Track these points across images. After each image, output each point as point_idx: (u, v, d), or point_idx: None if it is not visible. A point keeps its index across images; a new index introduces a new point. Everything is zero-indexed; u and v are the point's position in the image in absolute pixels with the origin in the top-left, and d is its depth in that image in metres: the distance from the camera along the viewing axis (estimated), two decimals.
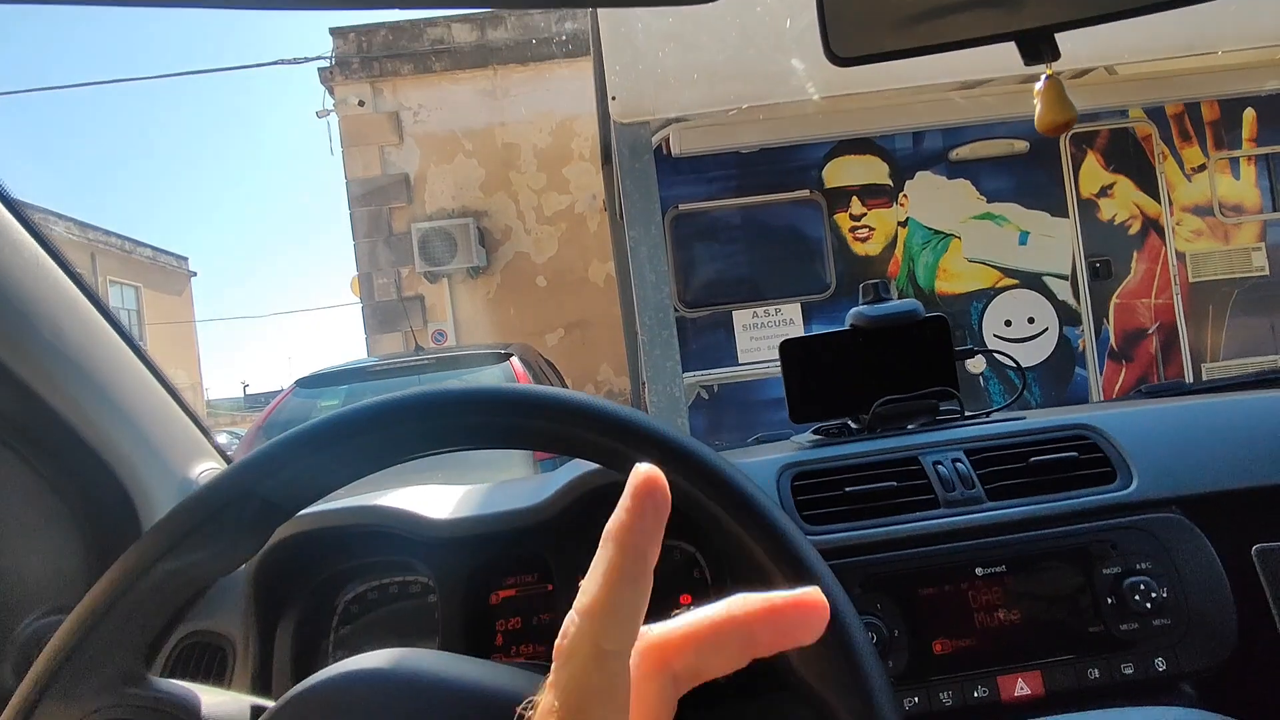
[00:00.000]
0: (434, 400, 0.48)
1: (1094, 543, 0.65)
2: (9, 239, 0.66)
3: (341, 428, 0.47)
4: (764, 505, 0.45)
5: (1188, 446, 0.73)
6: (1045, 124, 0.53)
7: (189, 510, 0.45)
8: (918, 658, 0.63)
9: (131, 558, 0.44)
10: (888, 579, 0.65)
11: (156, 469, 0.80)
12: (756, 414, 3.86)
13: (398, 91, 7.75)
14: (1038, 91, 0.53)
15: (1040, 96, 0.53)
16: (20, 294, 0.67)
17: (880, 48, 0.50)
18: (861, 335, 0.85)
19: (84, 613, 0.42)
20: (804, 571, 0.43)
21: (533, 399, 0.47)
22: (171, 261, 16.44)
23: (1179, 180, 4.14)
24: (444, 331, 7.60)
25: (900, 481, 0.70)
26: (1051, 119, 0.53)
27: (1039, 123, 0.54)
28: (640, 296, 3.42)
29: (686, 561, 0.74)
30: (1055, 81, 0.51)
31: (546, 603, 0.74)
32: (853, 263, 4.04)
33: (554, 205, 7.74)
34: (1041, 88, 0.52)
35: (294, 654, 0.71)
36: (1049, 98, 0.52)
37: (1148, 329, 4.10)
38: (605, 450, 0.47)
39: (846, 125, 3.95)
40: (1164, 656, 0.62)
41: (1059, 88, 0.51)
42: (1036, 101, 0.53)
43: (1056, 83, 0.51)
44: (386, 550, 0.74)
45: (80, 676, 0.42)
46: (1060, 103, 0.52)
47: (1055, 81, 0.51)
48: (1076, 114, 0.52)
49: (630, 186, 3.44)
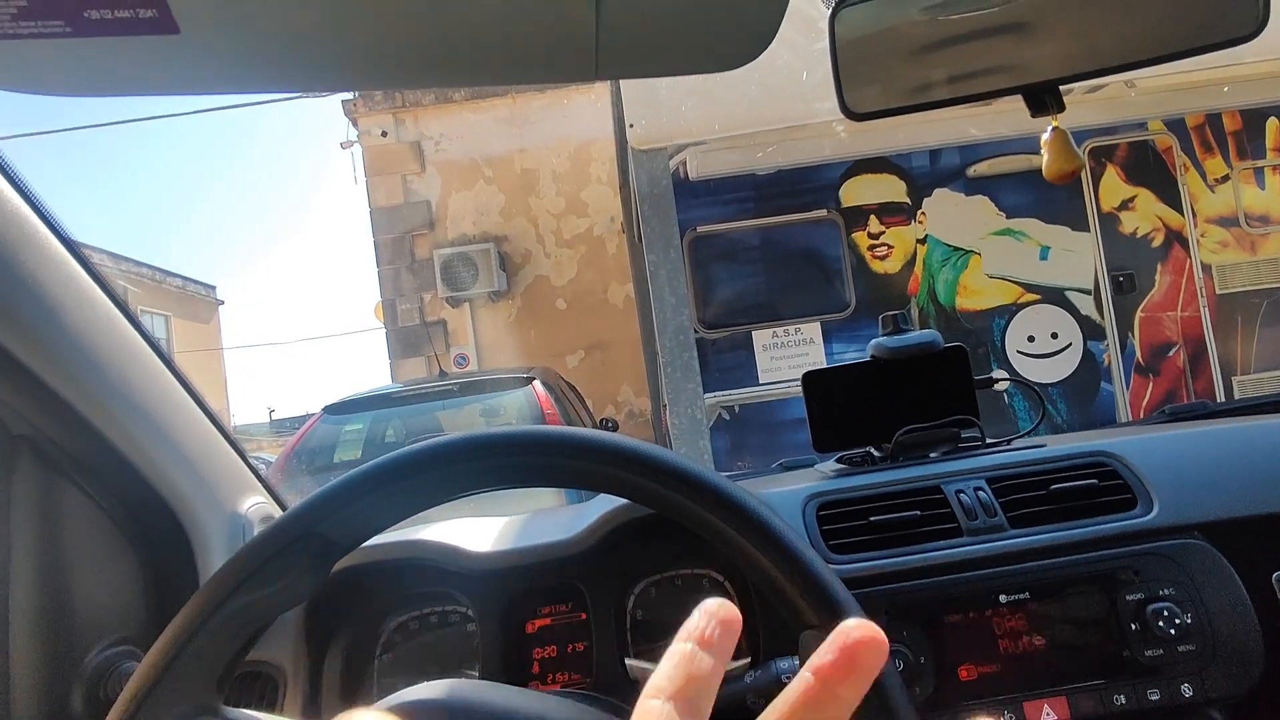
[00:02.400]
0: (480, 443, 0.51)
1: (1117, 569, 0.66)
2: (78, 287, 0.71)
3: (395, 470, 0.50)
4: (791, 541, 0.47)
5: (1209, 472, 0.74)
6: (1053, 173, 0.56)
7: (258, 548, 0.49)
8: (944, 685, 0.64)
9: (206, 593, 0.47)
10: (913, 607, 0.66)
11: (208, 503, 0.84)
12: (779, 434, 3.85)
13: (419, 121, 7.93)
14: (1045, 142, 0.55)
15: (1048, 147, 0.56)
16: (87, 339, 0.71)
17: (892, 104, 0.53)
18: (882, 366, 0.87)
19: (165, 645, 0.46)
20: (832, 604, 0.45)
21: (570, 441, 0.50)
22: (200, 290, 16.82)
23: (1202, 191, 4.10)
24: (466, 355, 7.69)
25: (924, 510, 0.72)
26: (1059, 168, 0.55)
27: (1047, 171, 0.56)
28: (660, 319, 3.46)
29: (715, 590, 0.77)
30: (1061, 133, 0.54)
31: (580, 632, 0.77)
32: (872, 281, 4.04)
33: (573, 229, 7.84)
34: (1049, 138, 0.55)
35: (342, 681, 0.74)
36: (1056, 148, 0.55)
37: (1174, 343, 4.05)
38: (638, 488, 0.50)
39: (863, 145, 3.98)
40: (1190, 683, 0.63)
41: (1065, 138, 0.54)
42: (1044, 152, 0.56)
43: (1062, 134, 0.54)
44: (428, 581, 0.77)
45: (163, 706, 0.45)
46: (1067, 152, 0.55)
47: (1061, 133, 0.54)
48: (1084, 162, 0.54)
49: (649, 211, 3.49)
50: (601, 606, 0.74)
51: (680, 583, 0.77)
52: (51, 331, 0.67)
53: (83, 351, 0.71)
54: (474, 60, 0.47)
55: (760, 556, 0.47)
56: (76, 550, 0.71)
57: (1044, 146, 0.56)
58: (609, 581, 0.75)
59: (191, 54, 0.44)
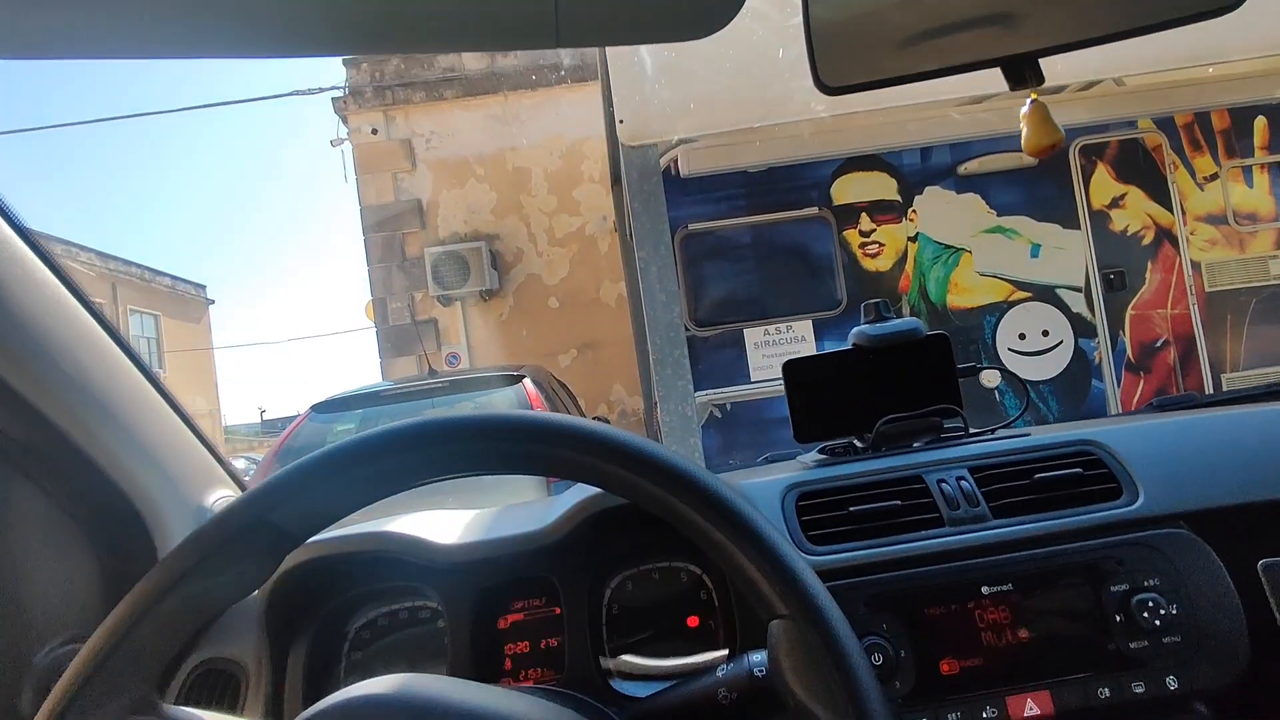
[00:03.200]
0: (438, 428, 0.49)
1: (1101, 560, 0.65)
2: (30, 274, 0.69)
3: (349, 456, 0.48)
4: (762, 529, 0.45)
5: (1195, 461, 0.73)
6: (1032, 147, 0.54)
7: (202, 538, 0.46)
8: (925, 678, 0.63)
9: (145, 586, 0.45)
10: (893, 599, 0.64)
11: (171, 497, 0.82)
12: (770, 432, 3.84)
13: (410, 119, 7.89)
14: (1024, 115, 0.54)
15: (1026, 120, 0.54)
16: (39, 326, 0.69)
17: (868, 76, 0.51)
18: (864, 354, 0.86)
19: (98, 641, 0.44)
20: (801, 593, 0.43)
21: (528, 425, 0.48)
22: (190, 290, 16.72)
23: (1191, 190, 4.11)
24: (457, 354, 7.66)
25: (904, 500, 0.70)
26: (1038, 142, 0.53)
27: (1026, 146, 0.55)
28: (651, 316, 3.44)
29: (693, 583, 0.75)
30: (1040, 105, 0.52)
31: (554, 627, 0.75)
32: (863, 279, 4.04)
33: (565, 227, 7.81)
34: (1027, 111, 0.53)
35: (306, 680, 0.71)
36: (1034, 121, 0.53)
37: (1165, 340, 4.06)
38: (609, 475, 0.48)
39: (853, 142, 3.97)
40: (1175, 675, 0.61)
41: (1043, 111, 0.52)
42: (1023, 126, 0.54)
43: (1041, 106, 0.52)
44: (395, 576, 0.75)
45: (95, 705, 0.43)
46: (1046, 125, 0.53)
47: (1040, 105, 0.52)
48: (1064, 136, 0.52)
49: (639, 207, 3.47)
50: (575, 600, 0.72)
51: (657, 576, 0.75)
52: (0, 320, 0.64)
53: (35, 341, 0.68)
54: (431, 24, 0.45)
55: (729, 544, 0.45)
56: (28, 546, 0.69)
57: (1023, 120, 0.54)
58: (583, 574, 0.73)
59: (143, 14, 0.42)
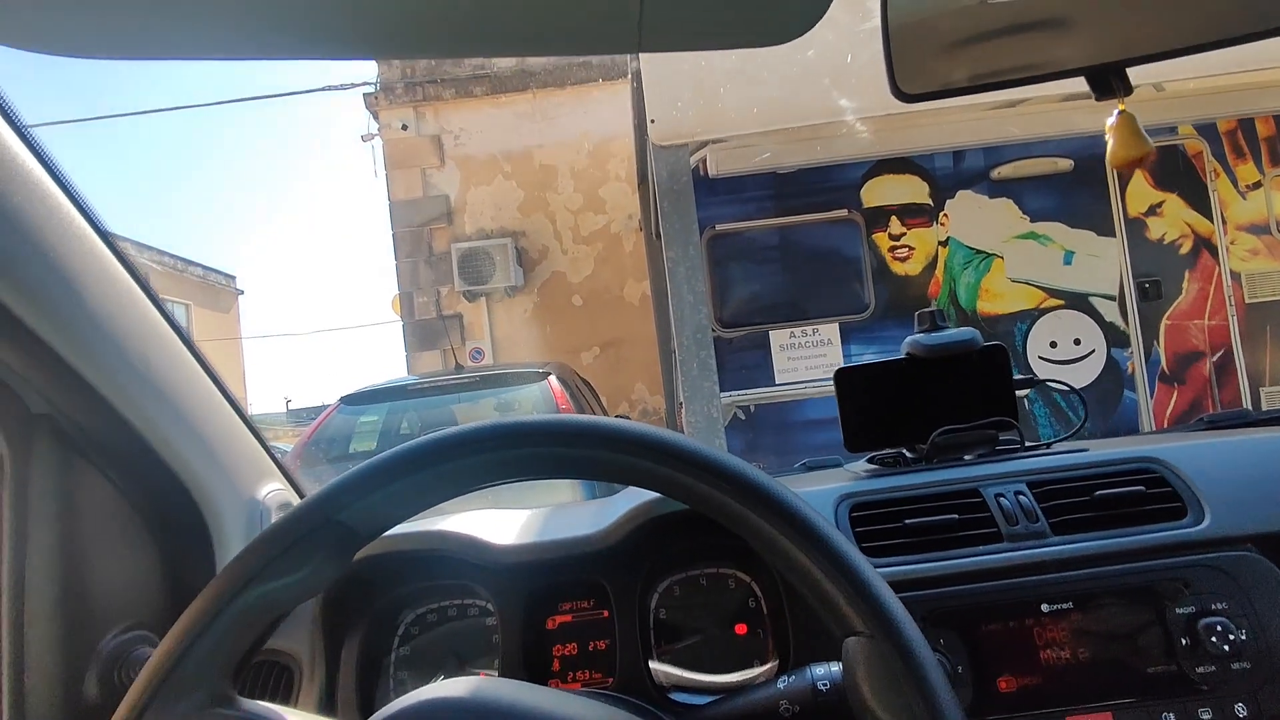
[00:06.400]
0: (502, 431, 0.49)
1: (1165, 580, 0.64)
2: (105, 270, 0.70)
3: (421, 457, 0.48)
4: (839, 544, 0.45)
5: (1262, 482, 0.71)
6: (1119, 159, 0.53)
7: (275, 537, 0.47)
8: (982, 695, 0.62)
9: (222, 583, 0.46)
10: (950, 614, 0.64)
11: (226, 488, 0.83)
12: (794, 435, 3.82)
13: (440, 115, 7.94)
14: (1110, 127, 0.52)
15: (1113, 132, 0.52)
16: (110, 319, 0.70)
17: (946, 84, 0.51)
18: (917, 364, 0.85)
19: (177, 638, 0.44)
20: (880, 612, 0.43)
21: (604, 432, 0.48)
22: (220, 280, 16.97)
23: (1233, 198, 4.02)
24: (481, 349, 7.71)
25: (961, 514, 0.69)
26: (1125, 154, 0.52)
27: (1111, 159, 0.53)
28: (678, 316, 3.44)
29: (741, 591, 0.74)
30: (1128, 116, 0.51)
31: (601, 630, 0.75)
32: (892, 283, 4.00)
33: (590, 225, 7.83)
34: (1114, 123, 0.52)
35: (358, 673, 0.72)
36: (1123, 133, 0.52)
37: (1201, 351, 3.97)
38: (671, 482, 0.48)
39: (885, 145, 3.93)
40: (1244, 702, 0.60)
41: (1133, 122, 0.51)
42: (1109, 137, 0.53)
43: (1130, 117, 0.51)
44: (447, 574, 0.75)
45: (176, 698, 0.43)
46: (1135, 137, 0.51)
47: (1128, 116, 0.51)
48: (1153, 148, 0.51)
49: (668, 207, 3.46)
50: (624, 604, 0.72)
51: (705, 582, 0.75)
52: (74, 311, 0.66)
53: (105, 332, 0.70)
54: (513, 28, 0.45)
55: (802, 558, 0.45)
56: (93, 533, 0.70)
57: (1109, 132, 0.52)
58: (632, 579, 0.73)
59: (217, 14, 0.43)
